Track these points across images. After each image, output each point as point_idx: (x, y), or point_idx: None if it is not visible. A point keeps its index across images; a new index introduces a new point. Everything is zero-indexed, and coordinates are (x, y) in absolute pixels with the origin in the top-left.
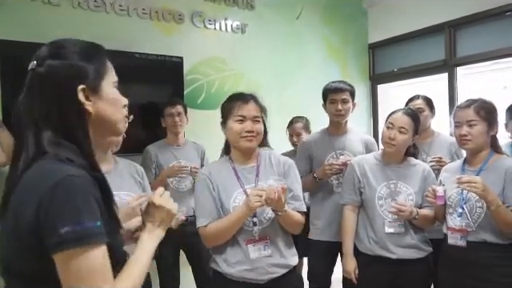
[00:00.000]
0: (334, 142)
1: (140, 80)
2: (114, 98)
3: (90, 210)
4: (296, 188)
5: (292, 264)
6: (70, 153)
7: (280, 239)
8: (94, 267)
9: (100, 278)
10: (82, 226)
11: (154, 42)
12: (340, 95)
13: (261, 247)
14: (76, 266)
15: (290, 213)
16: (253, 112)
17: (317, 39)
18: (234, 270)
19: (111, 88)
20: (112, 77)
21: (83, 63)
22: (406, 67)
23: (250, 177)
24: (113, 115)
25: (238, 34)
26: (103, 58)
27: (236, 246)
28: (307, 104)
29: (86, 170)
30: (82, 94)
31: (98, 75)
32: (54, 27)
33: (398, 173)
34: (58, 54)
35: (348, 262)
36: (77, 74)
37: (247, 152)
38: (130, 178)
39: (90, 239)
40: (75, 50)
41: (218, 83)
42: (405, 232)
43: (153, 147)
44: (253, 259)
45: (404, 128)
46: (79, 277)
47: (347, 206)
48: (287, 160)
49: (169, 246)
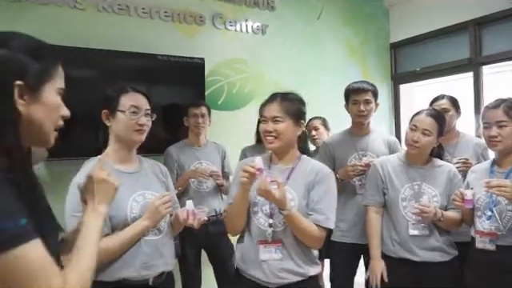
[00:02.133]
0: (357, 143)
1: (162, 81)
2: (53, 105)
3: (9, 210)
4: (320, 199)
5: (308, 273)
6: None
7: (294, 245)
8: (35, 263)
9: (44, 275)
10: (3, 229)
11: (176, 43)
12: (362, 96)
13: (272, 250)
14: (15, 269)
15: (295, 216)
16: (273, 112)
17: (337, 39)
18: (246, 267)
19: (54, 94)
20: (59, 83)
21: (28, 59)
22: (430, 66)
23: (281, 176)
24: (45, 122)
25: (258, 34)
26: (54, 62)
27: (251, 245)
28: (327, 104)
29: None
30: (17, 91)
31: (42, 76)
32: (80, 30)
33: (422, 174)
34: (5, 44)
35: (376, 264)
36: (18, 68)
37: (276, 152)
38: (155, 178)
39: (17, 240)
40: (23, 45)
41: (239, 84)
42: (429, 234)
43: (174, 148)
44: (262, 260)
45: (428, 130)
46: (25, 278)
47: (371, 208)
48: (323, 169)
49: (191, 246)
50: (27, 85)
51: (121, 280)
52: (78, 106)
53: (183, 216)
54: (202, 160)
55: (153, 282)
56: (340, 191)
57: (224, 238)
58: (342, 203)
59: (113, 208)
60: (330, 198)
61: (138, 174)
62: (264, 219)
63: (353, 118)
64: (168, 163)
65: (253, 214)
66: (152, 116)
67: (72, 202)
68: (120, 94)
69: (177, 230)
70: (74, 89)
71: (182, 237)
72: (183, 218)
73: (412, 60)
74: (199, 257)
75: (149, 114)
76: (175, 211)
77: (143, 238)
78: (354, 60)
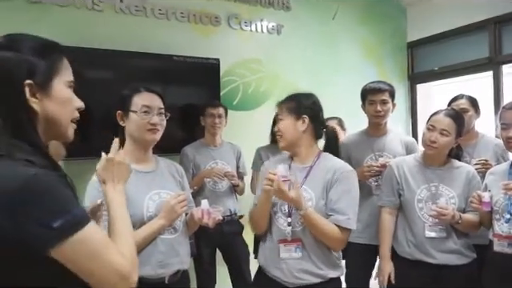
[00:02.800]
0: (373, 144)
1: (177, 82)
2: (65, 98)
3: (70, 198)
4: (339, 199)
5: (327, 275)
6: (27, 154)
7: (314, 246)
8: (97, 242)
9: (106, 248)
10: (71, 214)
11: (192, 44)
12: (379, 96)
13: (291, 248)
14: (83, 250)
15: (312, 216)
16: (277, 112)
17: (353, 39)
18: (268, 266)
19: (64, 87)
20: (67, 76)
21: (34, 58)
22: (448, 66)
23: (300, 176)
24: (61, 116)
25: (273, 35)
26: (58, 56)
27: (272, 244)
28: (343, 105)
29: (49, 169)
30: (29, 90)
31: (50, 72)
32: (98, 32)
33: (439, 175)
34: (11, 47)
35: (384, 265)
36: (26, 67)
37: (289, 151)
38: (170, 177)
39: (83, 222)
40: (29, 45)
41: (254, 84)
42: (447, 236)
43: (190, 148)
44: (282, 258)
45: (446, 130)
46: (91, 258)
47: (385, 209)
48: (342, 168)
49: (206, 245)
50: (37, 83)
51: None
52: (96, 107)
53: (198, 215)
54: (217, 160)
55: (168, 281)
56: None
57: (239, 237)
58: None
59: (129, 206)
60: (350, 197)
61: (154, 173)
62: (283, 219)
63: (369, 118)
64: (184, 163)
65: (273, 214)
66: (166, 115)
67: (89, 201)
68: (133, 94)
69: (192, 229)
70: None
71: (197, 236)
72: (198, 217)
73: (430, 59)
74: (214, 256)
75: (162, 113)
76: (190, 210)
77: (159, 236)
78: (369, 60)
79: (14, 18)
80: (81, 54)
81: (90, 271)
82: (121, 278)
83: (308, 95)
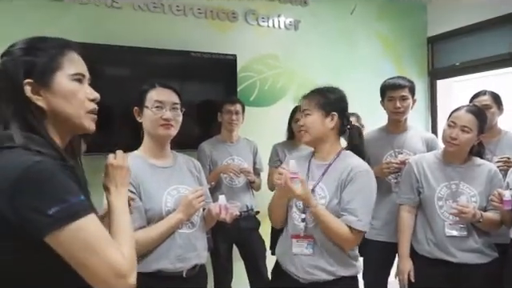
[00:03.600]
0: (393, 140)
1: (195, 78)
2: (68, 91)
3: (70, 187)
4: (352, 199)
5: (340, 273)
6: (40, 146)
7: (326, 243)
8: (95, 235)
9: (104, 243)
10: (68, 202)
11: (209, 40)
12: (399, 92)
13: (303, 244)
14: (78, 240)
15: (322, 214)
16: (303, 105)
17: (371, 34)
18: (283, 261)
19: (67, 81)
20: (71, 69)
21: (29, 57)
22: (469, 61)
23: (317, 173)
24: (68, 109)
25: (291, 30)
26: (55, 51)
27: (287, 238)
28: (360, 101)
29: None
30: (29, 89)
31: (48, 68)
32: (117, 29)
33: (460, 173)
34: (8, 52)
35: (403, 264)
36: (21, 68)
37: (313, 147)
38: (188, 173)
39: (80, 213)
40: (22, 47)
41: (271, 80)
42: (468, 235)
43: (207, 144)
44: (294, 253)
45: (467, 127)
46: (85, 249)
47: (403, 206)
48: (357, 167)
49: (223, 241)
50: (37, 80)
51: (156, 271)
52: (115, 103)
53: (216, 210)
54: (234, 156)
55: (186, 274)
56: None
57: (255, 233)
58: (376, 201)
59: (148, 201)
60: (364, 197)
61: (172, 168)
62: (297, 214)
63: (389, 115)
64: (201, 159)
65: (289, 209)
66: (181, 110)
67: None
68: (147, 90)
69: (209, 224)
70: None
71: (213, 231)
72: (216, 212)
73: (450, 54)
74: (231, 251)
75: (177, 108)
76: (208, 205)
77: (177, 231)
78: (388, 55)
79: (35, 17)
80: (99, 51)
81: (83, 263)
82: (116, 276)
83: (336, 90)
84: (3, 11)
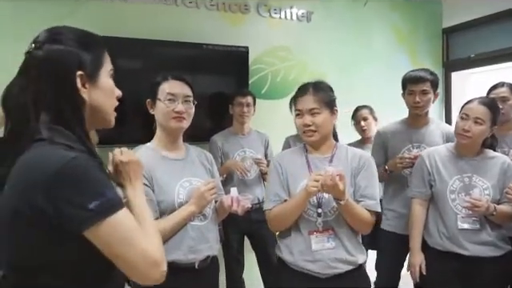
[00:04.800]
0: (412, 135)
1: (207, 70)
2: (110, 88)
3: (105, 182)
4: (368, 185)
5: (358, 262)
6: (67, 139)
7: (345, 233)
8: (130, 227)
9: (139, 235)
10: (106, 197)
11: (221, 32)
12: (419, 86)
13: (324, 239)
14: (116, 233)
15: (352, 205)
16: (309, 104)
17: (385, 26)
18: (294, 259)
19: (107, 78)
20: (109, 66)
21: (81, 50)
22: (485, 53)
23: (322, 167)
24: (106, 105)
25: (303, 22)
26: (100, 47)
27: (299, 236)
28: (374, 93)
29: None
30: (80, 81)
31: (96, 64)
32: (129, 21)
33: (473, 166)
34: (56, 40)
35: (415, 257)
36: (76, 60)
37: (314, 145)
38: (201, 165)
39: (117, 206)
40: (73, 38)
41: (283, 73)
42: (480, 228)
43: (218, 137)
44: (315, 250)
45: (480, 119)
46: (123, 242)
47: (415, 200)
48: (364, 155)
49: (234, 232)
50: (86, 74)
51: (169, 262)
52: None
53: (228, 202)
54: (245, 148)
55: (198, 266)
56: (390, 182)
57: (266, 225)
58: (390, 194)
59: (161, 193)
60: (376, 182)
61: (185, 160)
62: (312, 210)
63: (409, 108)
64: (212, 151)
65: None
66: (194, 103)
67: None
68: (160, 82)
69: (222, 216)
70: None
71: (225, 223)
72: (228, 204)
73: (466, 46)
74: (242, 243)
75: (189, 101)
76: (220, 198)
77: (190, 223)
78: (402, 47)
79: (49, 12)
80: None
81: (122, 255)
82: (153, 265)
83: (325, 83)
84: (18, 6)
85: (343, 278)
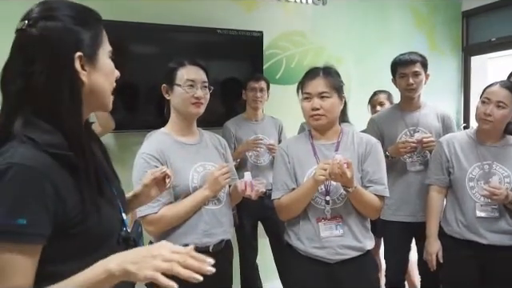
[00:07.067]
0: (407, 118)
1: (221, 55)
2: (109, 69)
3: (15, 204)
4: (375, 170)
5: (366, 248)
6: (36, 132)
7: (354, 220)
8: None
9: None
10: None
11: (235, 17)
12: (410, 68)
13: (332, 226)
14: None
15: (360, 191)
16: (319, 88)
17: (402, 8)
18: (303, 246)
19: (106, 58)
20: (107, 46)
21: (79, 28)
22: (506, 36)
23: (328, 153)
24: (105, 88)
25: (318, 5)
26: (99, 25)
27: (307, 223)
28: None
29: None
30: (79, 62)
31: (95, 43)
32: (142, 6)
33: (494, 153)
34: (51, 17)
35: (432, 244)
36: (74, 39)
37: (320, 129)
38: (214, 150)
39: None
40: (70, 14)
41: (298, 58)
42: (499, 216)
43: (231, 123)
44: (323, 237)
45: (503, 102)
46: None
47: (433, 187)
48: (370, 140)
49: (248, 218)
50: (85, 55)
51: (184, 245)
52: (142, 81)
53: (242, 187)
54: (259, 134)
55: (213, 249)
56: (390, 168)
57: None
58: (391, 181)
59: (175, 177)
60: (383, 166)
61: (199, 145)
62: (320, 198)
63: (401, 92)
64: (226, 137)
65: None
66: (210, 89)
67: (138, 171)
68: (177, 67)
69: (235, 200)
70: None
71: (238, 208)
72: (242, 188)
73: (486, 29)
74: (256, 228)
75: (206, 86)
76: (234, 182)
77: (204, 207)
78: (421, 30)
79: None
80: (125, 29)
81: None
82: None
83: (334, 68)
84: None
85: (352, 262)
